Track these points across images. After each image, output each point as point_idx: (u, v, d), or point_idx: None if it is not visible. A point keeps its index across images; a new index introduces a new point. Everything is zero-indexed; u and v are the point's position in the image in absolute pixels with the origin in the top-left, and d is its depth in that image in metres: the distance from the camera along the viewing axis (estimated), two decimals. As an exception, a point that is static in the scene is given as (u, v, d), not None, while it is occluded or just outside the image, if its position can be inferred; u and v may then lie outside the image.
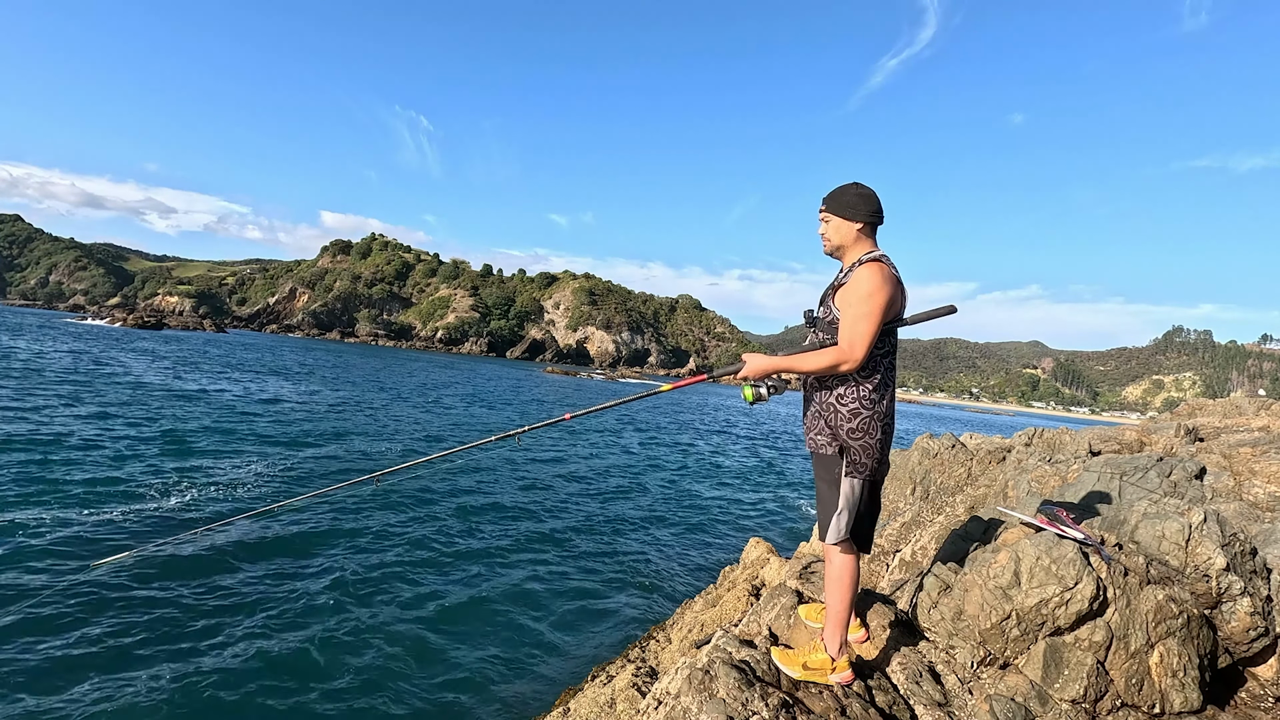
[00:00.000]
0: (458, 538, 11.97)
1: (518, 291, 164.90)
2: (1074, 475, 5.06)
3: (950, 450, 8.58)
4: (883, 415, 2.63)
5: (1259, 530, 4.02)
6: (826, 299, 2.69)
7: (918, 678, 2.89)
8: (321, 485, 13.21)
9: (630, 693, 6.13)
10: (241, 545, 9.31)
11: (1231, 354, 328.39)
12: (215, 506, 10.85)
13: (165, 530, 9.44)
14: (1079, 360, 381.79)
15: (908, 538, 5.53)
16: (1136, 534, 3.51)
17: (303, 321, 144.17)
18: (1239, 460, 5.59)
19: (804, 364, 2.57)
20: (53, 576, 7.70)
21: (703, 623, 7.93)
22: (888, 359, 2.66)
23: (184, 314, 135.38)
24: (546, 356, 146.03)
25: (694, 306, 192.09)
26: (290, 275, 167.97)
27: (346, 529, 11.39)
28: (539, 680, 7.68)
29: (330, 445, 17.66)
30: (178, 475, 12.37)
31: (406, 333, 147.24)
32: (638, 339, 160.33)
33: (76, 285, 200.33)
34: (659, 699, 2.61)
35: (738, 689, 2.47)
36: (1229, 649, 3.17)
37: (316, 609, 8.50)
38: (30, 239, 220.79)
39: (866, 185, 2.65)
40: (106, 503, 10.28)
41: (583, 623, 9.30)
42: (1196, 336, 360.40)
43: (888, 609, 3.30)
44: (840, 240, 2.68)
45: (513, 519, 13.66)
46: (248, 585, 8.40)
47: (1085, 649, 2.87)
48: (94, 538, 8.92)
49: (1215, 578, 3.20)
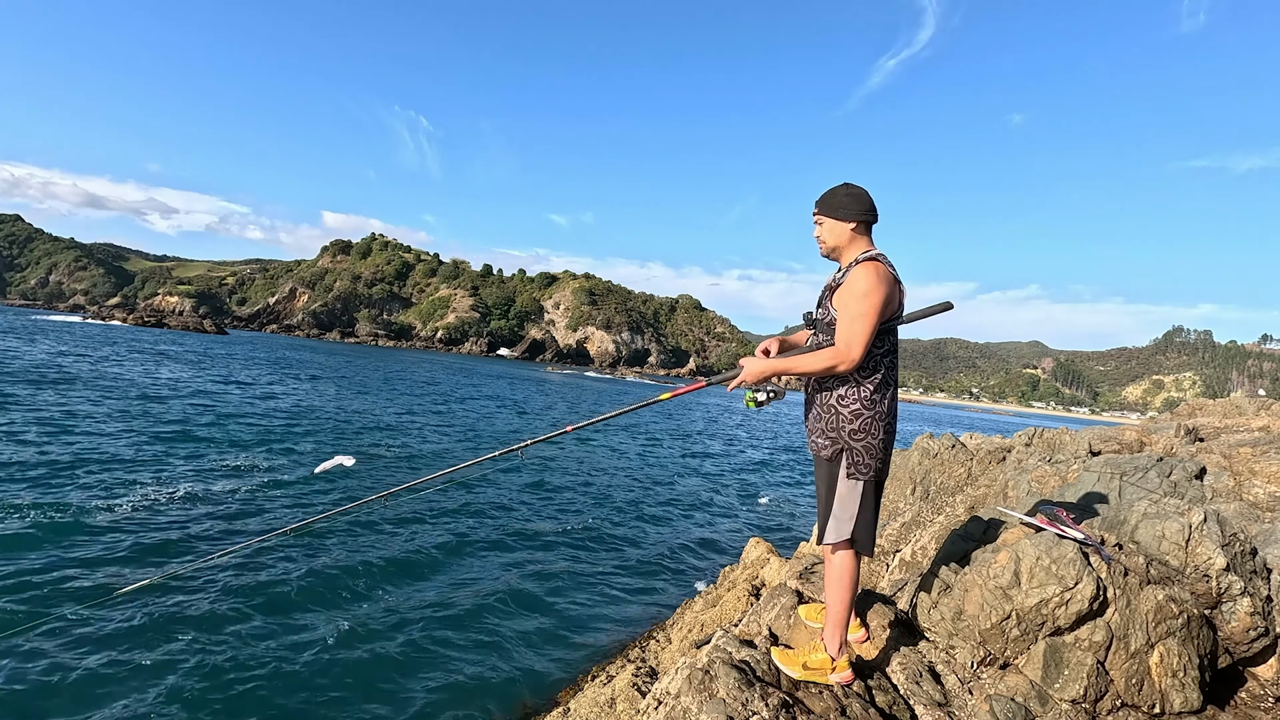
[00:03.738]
0: (457, 539, 11.98)
1: (518, 291, 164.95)
2: (1074, 475, 5.06)
3: (950, 450, 8.57)
4: (884, 415, 2.63)
5: (1259, 530, 4.02)
6: (824, 299, 2.69)
7: (918, 678, 2.89)
8: (335, 501, 13.43)
9: (630, 693, 6.13)
10: (255, 566, 9.37)
11: (1231, 354, 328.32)
12: (232, 527, 10.81)
13: (185, 553, 9.50)
14: (1079, 360, 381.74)
15: (908, 538, 5.53)
16: (1136, 534, 3.51)
17: (303, 321, 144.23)
18: (1239, 460, 5.59)
19: (802, 366, 2.57)
20: (76, 605, 7.62)
21: (703, 623, 7.93)
22: (888, 358, 2.65)
23: (184, 314, 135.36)
24: (546, 356, 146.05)
25: (694, 306, 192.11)
26: (290, 275, 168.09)
27: (344, 535, 11.40)
28: (539, 680, 7.68)
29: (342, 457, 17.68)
30: (188, 493, 12.32)
31: (406, 333, 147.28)
32: (638, 339, 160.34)
33: (76, 285, 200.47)
34: (659, 699, 2.61)
35: (738, 689, 2.47)
36: (1229, 649, 3.17)
37: (315, 613, 8.52)
38: (30, 239, 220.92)
39: (857, 185, 2.65)
40: (124, 526, 10.22)
41: (582, 623, 9.30)
42: (1196, 336, 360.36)
43: (888, 609, 3.30)
44: (835, 241, 2.68)
45: (512, 520, 13.66)
46: (259, 602, 8.40)
47: (1085, 649, 2.87)
48: (114, 561, 8.98)
49: (1215, 578, 3.20)
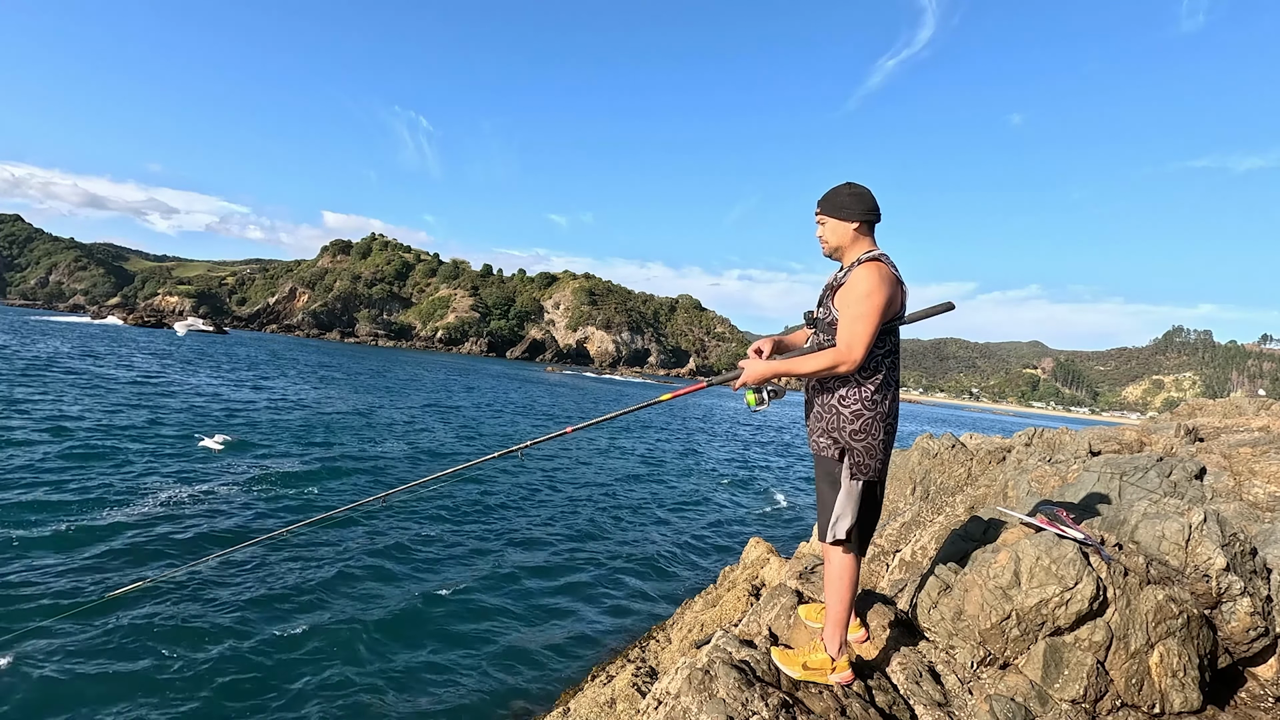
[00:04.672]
0: (456, 540, 11.98)
1: (518, 291, 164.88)
2: (1074, 475, 5.06)
3: (950, 450, 8.57)
4: (885, 416, 2.62)
5: (1259, 530, 4.02)
6: (825, 299, 2.69)
7: (918, 678, 2.89)
8: (330, 502, 13.23)
9: (630, 693, 6.13)
10: (249, 568, 9.31)
11: (1231, 354, 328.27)
12: (225, 528, 10.73)
13: (177, 556, 9.38)
14: (1079, 360, 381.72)
15: (908, 538, 5.53)
16: (1136, 534, 3.51)
17: (302, 321, 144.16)
18: (1239, 460, 5.58)
19: (803, 366, 2.56)
20: (68, 608, 7.54)
21: (703, 623, 7.93)
22: (889, 359, 2.64)
23: (184, 314, 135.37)
24: (546, 356, 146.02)
25: (694, 306, 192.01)
26: (290, 275, 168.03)
27: (345, 536, 11.38)
28: (539, 680, 7.69)
29: (339, 458, 17.56)
30: (187, 494, 12.24)
31: (406, 333, 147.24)
32: (638, 339, 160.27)
33: (76, 285, 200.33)
34: (659, 699, 2.61)
35: (738, 689, 2.47)
36: (1229, 649, 3.17)
37: (317, 613, 8.52)
38: (30, 239, 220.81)
39: (860, 184, 2.64)
40: (117, 528, 10.10)
41: (583, 623, 9.30)
42: (1196, 336, 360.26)
43: (888, 609, 3.29)
44: (837, 241, 2.68)
45: (512, 521, 13.66)
46: (256, 602, 8.37)
47: (1085, 649, 2.87)
48: (106, 566, 8.88)
49: (1215, 578, 3.20)
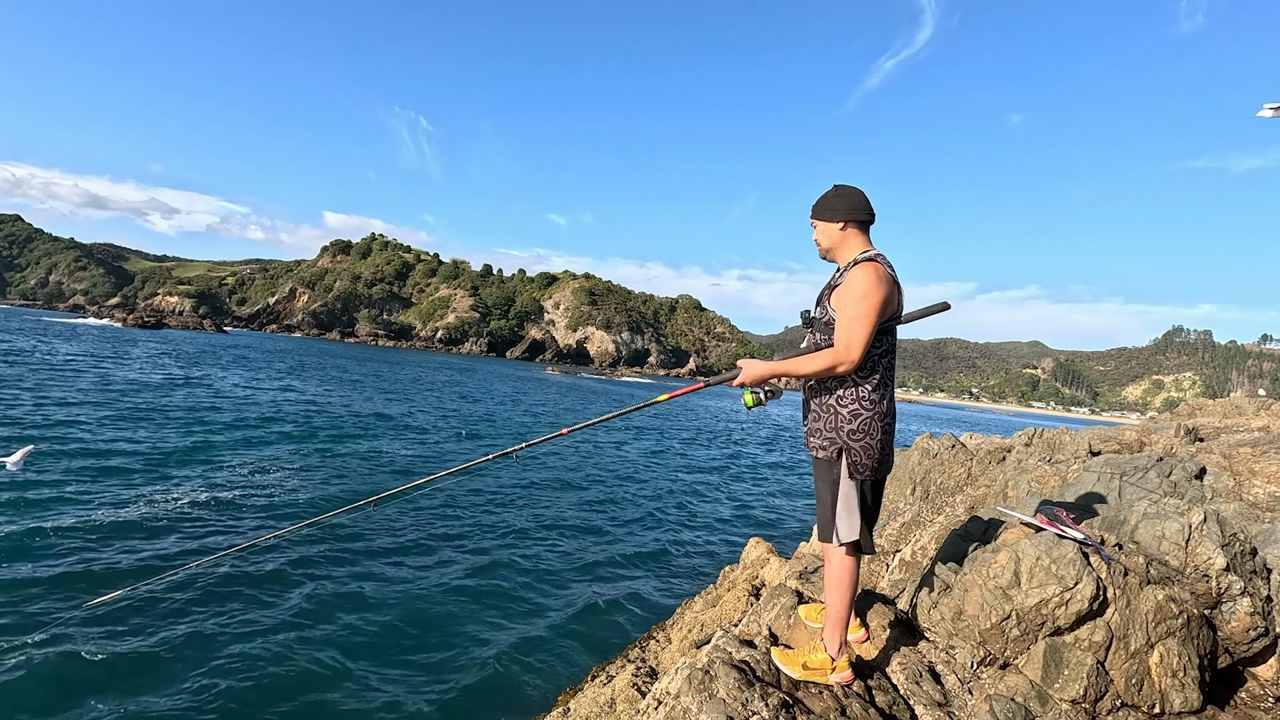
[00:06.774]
0: (454, 541, 11.97)
1: (518, 291, 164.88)
2: (1074, 475, 5.06)
3: (950, 450, 8.57)
4: (883, 415, 2.63)
5: (1259, 530, 4.02)
6: (823, 300, 2.70)
7: (918, 678, 2.89)
8: (321, 506, 13.00)
9: (630, 693, 6.13)
10: (236, 575, 9.16)
11: (1231, 354, 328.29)
12: (211, 536, 10.51)
13: (161, 564, 9.17)
14: (1079, 360, 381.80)
15: (908, 538, 5.52)
16: (1136, 534, 3.51)
17: (302, 321, 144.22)
18: (1239, 460, 5.58)
19: (801, 367, 2.57)
20: (48, 616, 7.45)
21: (703, 623, 7.93)
22: (886, 359, 2.65)
23: (184, 314, 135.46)
24: (546, 356, 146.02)
25: (694, 306, 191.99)
26: (290, 275, 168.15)
27: (342, 537, 11.37)
28: (539, 680, 7.69)
29: (330, 459, 17.48)
30: (170, 499, 12.05)
31: (406, 333, 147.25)
32: (638, 339, 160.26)
33: (76, 285, 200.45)
34: (659, 699, 2.61)
35: (738, 689, 2.47)
36: (1229, 649, 3.17)
37: (315, 614, 8.51)
38: (30, 239, 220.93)
39: (848, 185, 2.68)
40: (101, 534, 9.90)
41: (582, 623, 9.29)
42: (1196, 336, 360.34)
43: (888, 609, 3.29)
44: (829, 243, 2.72)
45: (511, 521, 13.66)
46: (244, 607, 8.26)
47: (1085, 649, 2.87)
48: (89, 573, 8.69)
49: (1215, 578, 3.20)
